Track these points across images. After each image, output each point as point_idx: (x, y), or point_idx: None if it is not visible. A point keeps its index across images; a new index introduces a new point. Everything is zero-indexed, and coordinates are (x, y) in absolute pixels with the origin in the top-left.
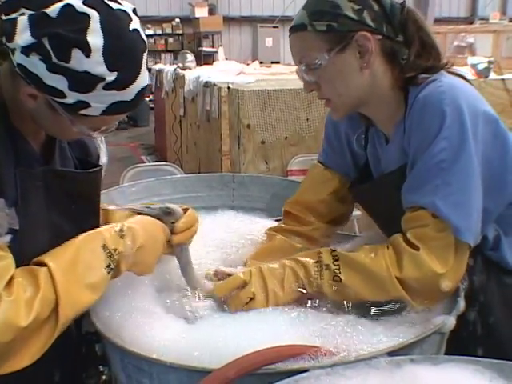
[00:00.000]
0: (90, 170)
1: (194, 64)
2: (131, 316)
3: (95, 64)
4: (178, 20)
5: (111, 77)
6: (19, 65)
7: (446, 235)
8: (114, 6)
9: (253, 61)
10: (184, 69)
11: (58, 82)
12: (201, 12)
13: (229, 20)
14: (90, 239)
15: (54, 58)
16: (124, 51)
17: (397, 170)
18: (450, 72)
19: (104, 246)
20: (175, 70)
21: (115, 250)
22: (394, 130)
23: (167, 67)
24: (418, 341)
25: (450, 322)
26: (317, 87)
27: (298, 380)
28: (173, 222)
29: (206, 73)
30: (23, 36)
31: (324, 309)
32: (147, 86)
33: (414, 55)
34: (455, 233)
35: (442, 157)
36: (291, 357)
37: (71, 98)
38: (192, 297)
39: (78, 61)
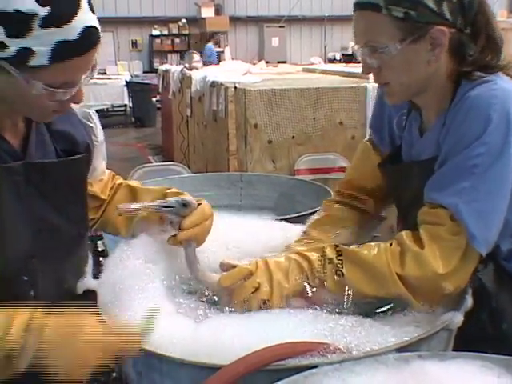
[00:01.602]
0: (70, 158)
1: (200, 64)
2: (140, 314)
3: (23, 0)
4: (184, 20)
5: (44, 11)
6: None
7: (458, 239)
8: None
9: (259, 60)
10: (191, 69)
11: None
12: (207, 12)
13: (235, 20)
14: None
15: None
16: None
17: (428, 160)
18: (508, 74)
19: None
20: (182, 70)
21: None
22: (435, 120)
23: (174, 67)
24: (426, 337)
25: (458, 318)
26: (377, 71)
27: (307, 376)
28: (183, 217)
29: (213, 73)
30: None
31: (330, 310)
32: (95, 27)
33: (479, 51)
34: (470, 240)
35: (477, 161)
36: (300, 353)
37: (13, 46)
38: (201, 296)
39: (4, 0)
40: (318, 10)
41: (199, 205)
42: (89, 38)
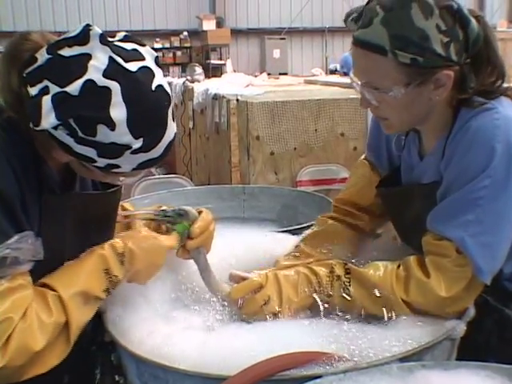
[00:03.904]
0: (110, 190)
1: (202, 77)
2: (148, 325)
3: (121, 135)
4: (185, 33)
5: (138, 144)
6: (49, 132)
7: (464, 270)
8: (134, 66)
9: (261, 72)
10: (192, 81)
11: (87, 151)
12: (208, 25)
13: (236, 32)
14: (97, 263)
15: (80, 134)
16: (148, 116)
17: (429, 185)
18: (509, 96)
19: (107, 271)
20: (184, 82)
21: (116, 276)
22: (435, 145)
23: (176, 80)
24: (429, 347)
25: (461, 328)
26: (376, 106)
27: None
28: (188, 224)
29: (215, 85)
30: (49, 119)
31: (335, 316)
32: (174, 137)
33: (480, 82)
34: (477, 273)
35: (482, 194)
36: (305, 363)
37: (101, 163)
38: (209, 305)
39: (103, 135)
40: (318, 21)
41: (200, 213)
42: (169, 149)
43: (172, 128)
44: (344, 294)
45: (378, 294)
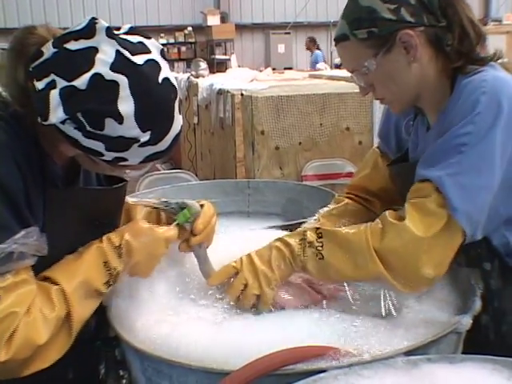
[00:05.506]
0: (114, 186)
1: (207, 72)
2: (151, 320)
3: (129, 129)
4: (190, 28)
5: (145, 137)
6: (56, 126)
7: (441, 211)
8: (141, 59)
9: (265, 67)
10: (197, 77)
11: (95, 145)
12: (213, 20)
13: (241, 27)
14: (96, 256)
15: (88, 128)
16: (155, 110)
17: None
18: (504, 67)
19: (106, 264)
20: (188, 78)
21: (115, 268)
22: (436, 118)
23: (180, 75)
24: (435, 340)
25: (467, 321)
26: (372, 89)
27: (316, 380)
28: (189, 217)
29: (220, 80)
30: (56, 114)
31: (342, 310)
32: (181, 129)
33: (457, 40)
34: (452, 212)
35: (464, 140)
36: (309, 358)
37: (109, 156)
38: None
39: (111, 128)
40: (323, 16)
41: (201, 206)
42: (176, 142)
43: (179, 121)
44: (318, 260)
45: (350, 249)
